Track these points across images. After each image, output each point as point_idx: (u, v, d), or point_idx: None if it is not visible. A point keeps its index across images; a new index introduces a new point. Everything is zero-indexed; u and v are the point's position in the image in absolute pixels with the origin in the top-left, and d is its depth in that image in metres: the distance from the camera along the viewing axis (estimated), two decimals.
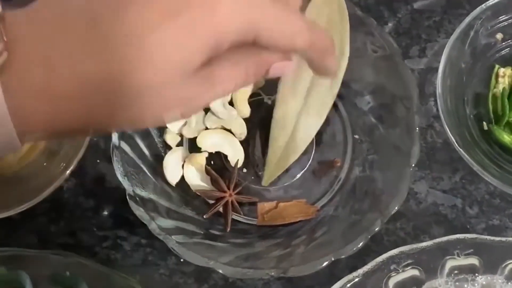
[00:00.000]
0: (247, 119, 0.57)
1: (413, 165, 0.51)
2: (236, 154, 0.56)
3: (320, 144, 0.57)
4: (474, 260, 0.51)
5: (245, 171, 0.57)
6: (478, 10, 0.56)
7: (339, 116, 0.58)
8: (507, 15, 0.58)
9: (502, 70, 0.58)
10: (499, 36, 0.58)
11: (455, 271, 0.51)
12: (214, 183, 0.55)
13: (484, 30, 0.57)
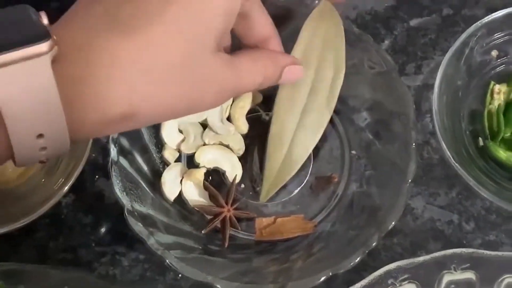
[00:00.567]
0: (245, 135, 0.58)
1: (409, 181, 0.51)
2: (234, 170, 0.56)
3: (317, 159, 0.58)
4: (471, 275, 0.51)
5: (243, 186, 0.57)
6: (473, 27, 0.56)
7: (336, 132, 0.58)
8: (502, 33, 0.58)
9: (497, 87, 0.58)
10: (494, 53, 0.59)
11: (452, 286, 0.51)
12: (212, 198, 0.55)
13: (479, 48, 0.58)
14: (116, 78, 0.35)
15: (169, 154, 0.56)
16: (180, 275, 0.54)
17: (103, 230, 0.56)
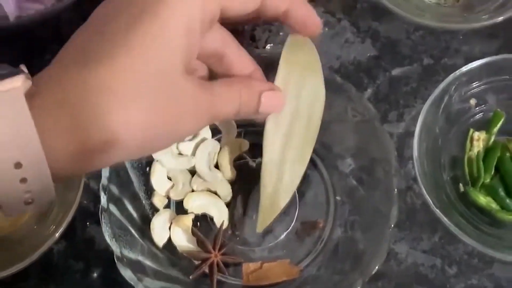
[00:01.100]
0: (232, 182, 0.59)
1: (392, 226, 0.52)
2: (221, 216, 0.58)
3: (303, 205, 0.59)
4: None
5: (230, 232, 0.58)
6: (452, 76, 0.57)
7: (321, 178, 0.60)
8: (479, 82, 0.59)
9: (476, 134, 0.59)
10: (473, 101, 0.60)
11: None
12: (200, 244, 0.56)
13: (457, 96, 0.59)
14: (91, 106, 0.36)
15: (158, 201, 0.58)
16: None
17: (94, 275, 0.57)
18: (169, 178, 0.58)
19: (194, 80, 0.41)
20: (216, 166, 0.59)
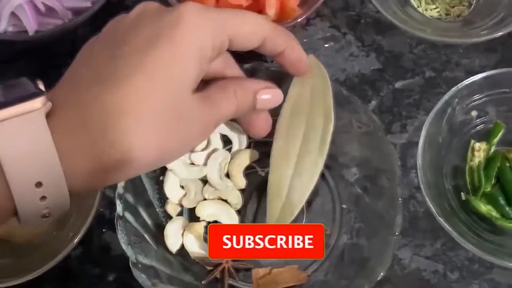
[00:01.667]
0: (242, 190, 0.61)
1: (397, 233, 0.54)
2: (232, 223, 0.59)
3: (310, 213, 0.60)
4: None
5: None
6: (454, 89, 0.59)
7: (328, 187, 0.61)
8: (480, 94, 0.61)
9: (477, 145, 0.61)
10: (474, 113, 0.62)
11: None
12: None
13: (460, 108, 0.61)
14: (108, 126, 0.37)
15: (171, 209, 0.59)
16: None
17: (109, 280, 0.59)
18: (181, 187, 0.60)
19: (198, 97, 0.42)
20: (227, 175, 0.61)
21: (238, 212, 0.60)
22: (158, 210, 0.59)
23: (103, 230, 0.60)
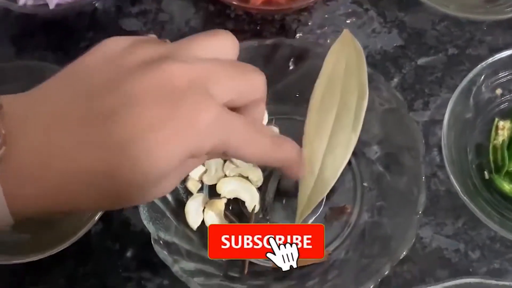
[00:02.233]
0: (263, 167, 0.60)
1: (420, 212, 0.53)
2: (253, 200, 0.59)
3: (331, 191, 0.59)
4: None
5: (261, 216, 0.59)
6: (479, 67, 0.59)
7: (349, 165, 0.60)
8: (505, 72, 0.61)
9: (501, 123, 0.61)
10: (499, 91, 0.62)
11: None
12: None
13: (484, 86, 0.60)
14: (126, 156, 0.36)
15: (192, 185, 0.59)
16: None
17: (129, 256, 0.59)
18: (202, 163, 0.60)
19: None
20: None
21: (259, 189, 0.60)
22: (179, 186, 0.59)
23: None
